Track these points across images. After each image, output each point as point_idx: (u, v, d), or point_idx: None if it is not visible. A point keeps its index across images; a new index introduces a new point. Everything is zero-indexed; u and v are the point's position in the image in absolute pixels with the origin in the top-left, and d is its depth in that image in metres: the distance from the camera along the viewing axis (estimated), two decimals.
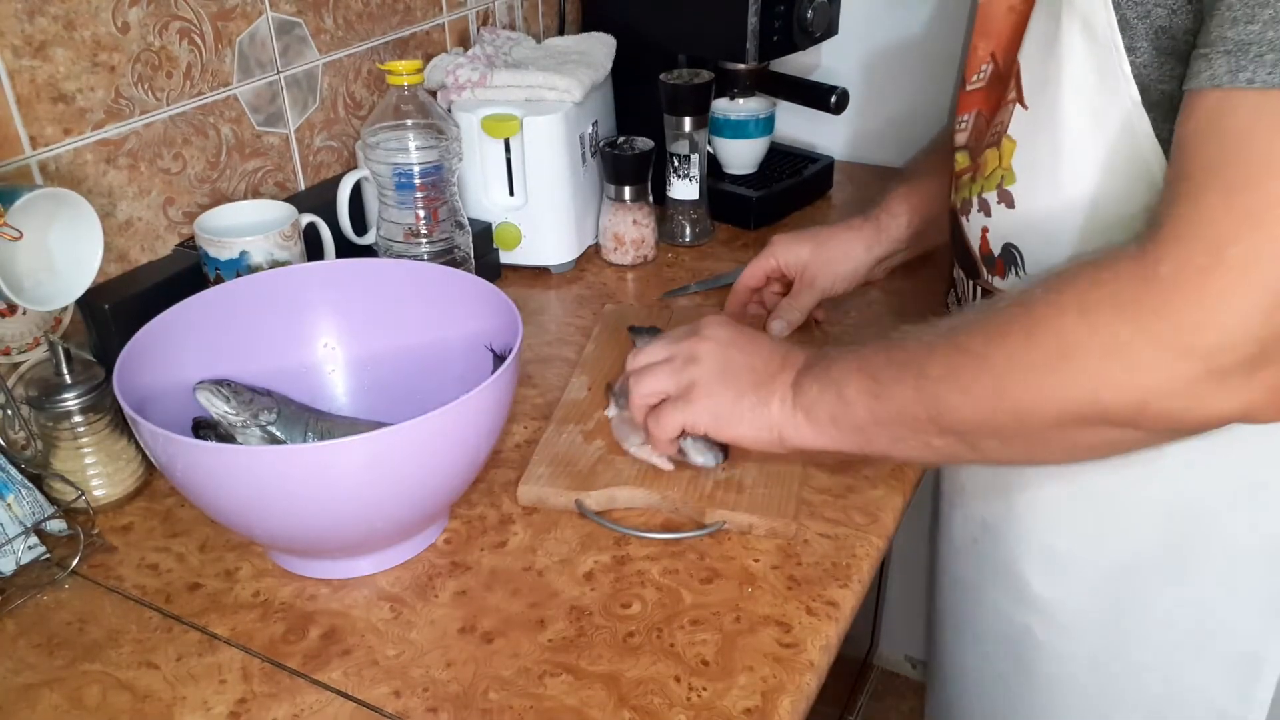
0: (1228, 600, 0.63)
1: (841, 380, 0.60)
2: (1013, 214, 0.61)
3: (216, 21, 0.85)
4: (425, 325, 0.76)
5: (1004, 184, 0.61)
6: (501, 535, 0.70)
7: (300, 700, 0.58)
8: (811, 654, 0.60)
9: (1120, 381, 0.48)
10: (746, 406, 0.63)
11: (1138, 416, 0.48)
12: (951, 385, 0.54)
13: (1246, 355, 0.45)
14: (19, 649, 0.62)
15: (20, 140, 0.73)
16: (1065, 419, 0.51)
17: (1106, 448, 0.53)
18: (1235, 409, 0.47)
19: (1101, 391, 0.48)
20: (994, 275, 0.66)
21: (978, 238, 0.66)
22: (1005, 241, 0.63)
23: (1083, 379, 0.49)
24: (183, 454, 0.57)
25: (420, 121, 0.88)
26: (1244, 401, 0.46)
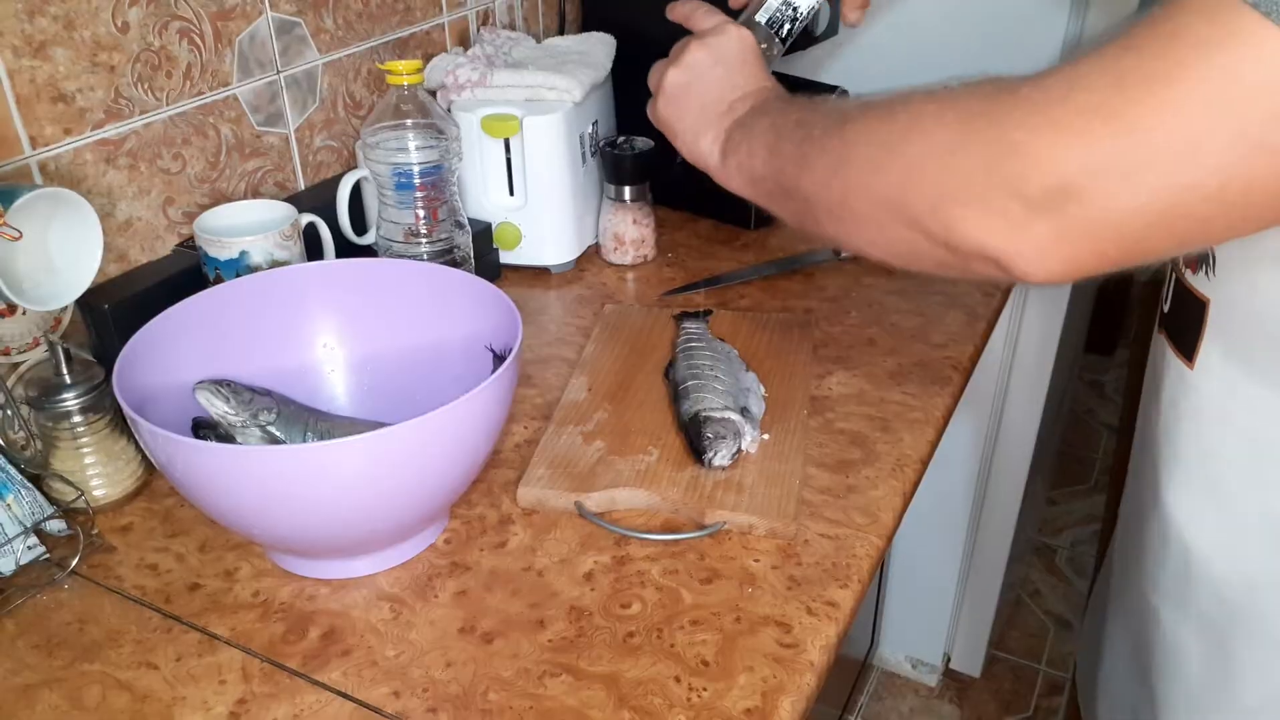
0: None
1: (756, 134, 0.64)
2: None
3: (216, 21, 0.85)
4: (425, 325, 0.75)
5: None
6: (501, 535, 0.70)
7: (300, 700, 0.58)
8: (812, 654, 0.59)
9: (931, 176, 0.48)
10: (687, 129, 0.70)
11: (927, 216, 0.49)
12: (817, 148, 0.57)
13: (1035, 196, 0.44)
14: (18, 649, 0.62)
15: (20, 140, 0.73)
16: (880, 201, 0.52)
17: (913, 249, 0.52)
18: (998, 243, 0.46)
19: (913, 181, 0.49)
20: (1186, 268, 0.64)
21: None
22: None
23: (905, 164, 0.50)
24: (182, 454, 0.57)
25: (420, 121, 0.88)
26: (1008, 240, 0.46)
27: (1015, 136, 0.44)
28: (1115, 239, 0.44)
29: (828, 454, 0.76)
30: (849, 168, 0.54)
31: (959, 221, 0.47)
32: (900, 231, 0.52)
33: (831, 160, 0.55)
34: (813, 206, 0.58)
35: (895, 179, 0.51)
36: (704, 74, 0.71)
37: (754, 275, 1.02)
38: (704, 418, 0.74)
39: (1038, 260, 0.46)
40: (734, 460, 0.73)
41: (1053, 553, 2.00)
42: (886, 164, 0.51)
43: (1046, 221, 0.44)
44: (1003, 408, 1.44)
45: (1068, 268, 0.46)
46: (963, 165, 0.47)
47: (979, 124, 0.46)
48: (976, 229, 0.47)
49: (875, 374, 0.86)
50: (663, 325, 0.92)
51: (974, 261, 0.49)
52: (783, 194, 0.61)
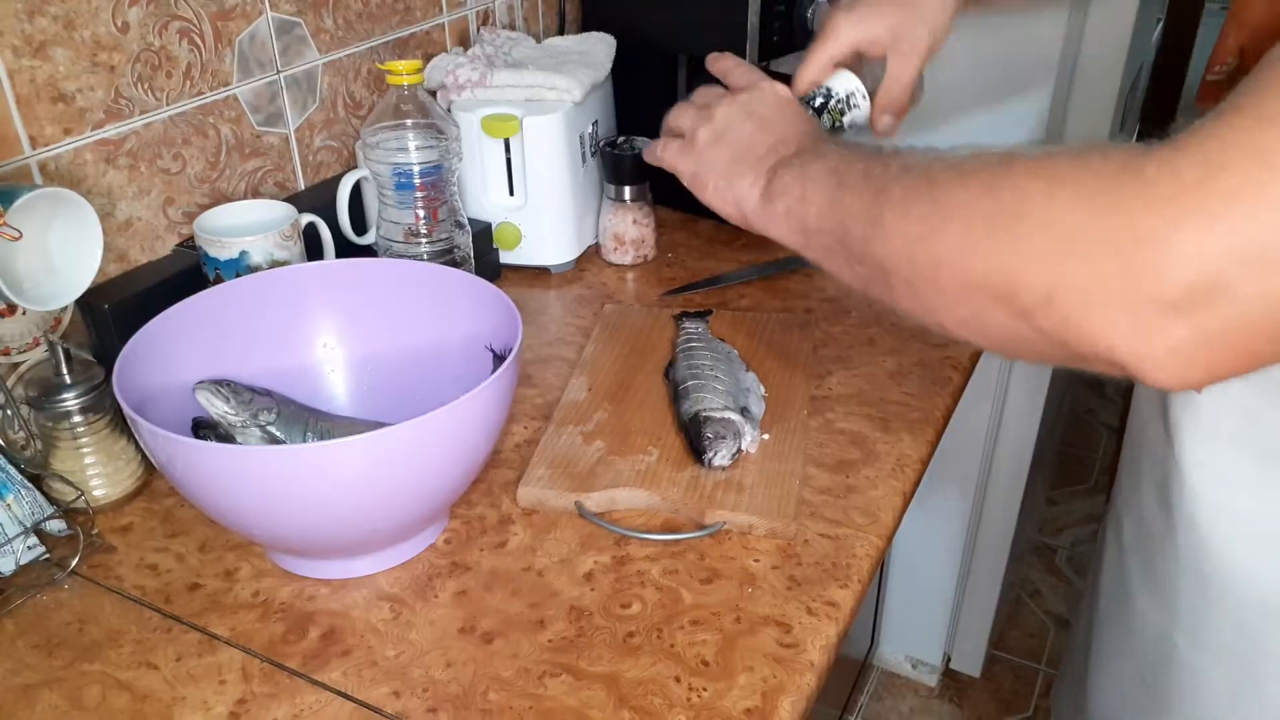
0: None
1: (812, 178, 0.58)
2: None
3: (216, 21, 0.85)
4: (425, 325, 0.75)
5: None
6: (501, 535, 0.70)
7: (300, 700, 0.58)
8: (812, 654, 0.59)
9: (1045, 263, 0.43)
10: (721, 176, 0.65)
11: (1040, 308, 0.44)
12: (898, 211, 0.51)
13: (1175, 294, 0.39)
14: (18, 649, 0.62)
15: (20, 140, 0.73)
16: (977, 283, 0.46)
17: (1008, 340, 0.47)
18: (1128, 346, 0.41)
19: (1023, 267, 0.44)
20: None
21: None
22: None
23: (1012, 246, 0.45)
24: (182, 454, 0.57)
25: (420, 121, 0.88)
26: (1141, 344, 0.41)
27: (1148, 224, 0.39)
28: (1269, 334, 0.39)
29: (828, 454, 0.76)
30: (941, 243, 0.48)
31: (1080, 321, 0.42)
32: (1001, 319, 0.46)
33: (918, 230, 0.49)
34: (887, 275, 0.52)
35: (999, 261, 0.45)
36: (736, 127, 0.67)
37: (754, 275, 1.02)
38: (704, 418, 0.74)
39: (1176, 366, 0.41)
40: (734, 460, 0.73)
41: (1053, 553, 2.00)
42: (988, 243, 0.46)
43: (1187, 323, 0.39)
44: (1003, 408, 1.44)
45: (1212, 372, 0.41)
46: (1085, 253, 0.41)
47: (1102, 208, 0.41)
48: (1102, 330, 0.41)
49: (875, 374, 0.86)
50: (663, 325, 0.92)
51: (1091, 360, 0.44)
52: (844, 253, 0.55)
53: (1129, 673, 0.77)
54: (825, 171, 0.58)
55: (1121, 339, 0.41)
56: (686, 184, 0.68)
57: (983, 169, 0.47)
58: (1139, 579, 0.74)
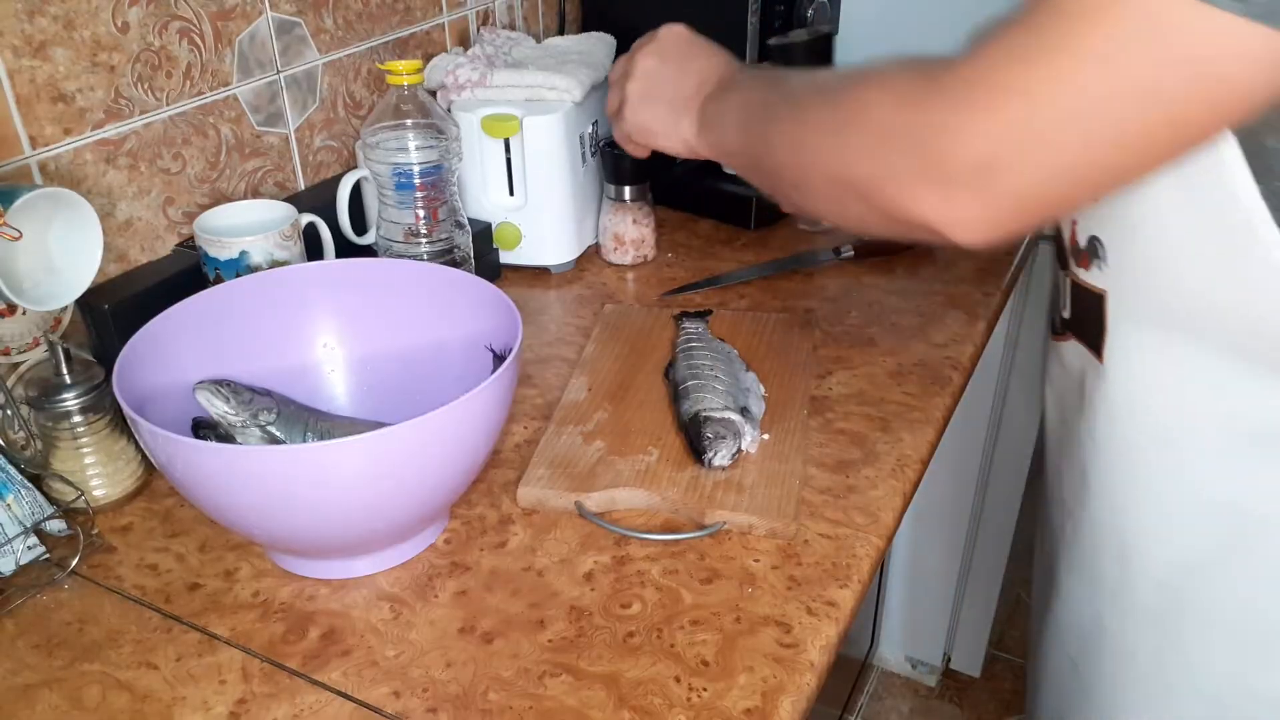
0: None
1: (729, 110, 0.69)
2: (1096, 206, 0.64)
3: (216, 21, 0.85)
4: (425, 325, 0.75)
5: None
6: (501, 535, 0.70)
7: (300, 700, 0.58)
8: (812, 654, 0.60)
9: (871, 156, 0.54)
10: (664, 119, 0.75)
11: (874, 192, 0.54)
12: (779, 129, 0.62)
13: (962, 172, 0.48)
14: (18, 649, 0.62)
15: (20, 140, 0.73)
16: (832, 178, 0.57)
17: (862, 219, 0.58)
18: (933, 216, 0.51)
19: (857, 161, 0.55)
20: (1080, 266, 0.67)
21: (1068, 229, 0.68)
22: (1090, 234, 0.65)
23: (850, 146, 0.55)
24: (182, 454, 0.57)
25: (420, 121, 0.88)
26: (942, 212, 0.50)
27: (939, 119, 0.49)
28: (1038, 201, 0.49)
29: (828, 454, 0.76)
30: (804, 151, 0.60)
31: (898, 198, 0.52)
32: (852, 204, 0.57)
33: (790, 143, 0.61)
34: (779, 181, 0.65)
35: (843, 160, 0.56)
36: (657, 73, 0.76)
37: (754, 275, 1.02)
38: (704, 418, 0.74)
39: (969, 228, 0.51)
40: (734, 460, 0.73)
41: None
42: (835, 147, 0.57)
43: (974, 194, 0.49)
44: (1003, 408, 1.44)
45: (997, 232, 0.51)
46: (898, 147, 0.52)
47: (909, 110, 0.51)
48: (914, 204, 0.51)
49: (875, 374, 0.86)
50: (663, 325, 0.92)
51: (915, 230, 0.53)
52: (755, 168, 0.68)
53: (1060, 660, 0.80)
54: (738, 105, 0.69)
55: (931, 211, 0.51)
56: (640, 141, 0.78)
57: (835, 87, 0.58)
58: (1064, 560, 0.76)
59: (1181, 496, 0.65)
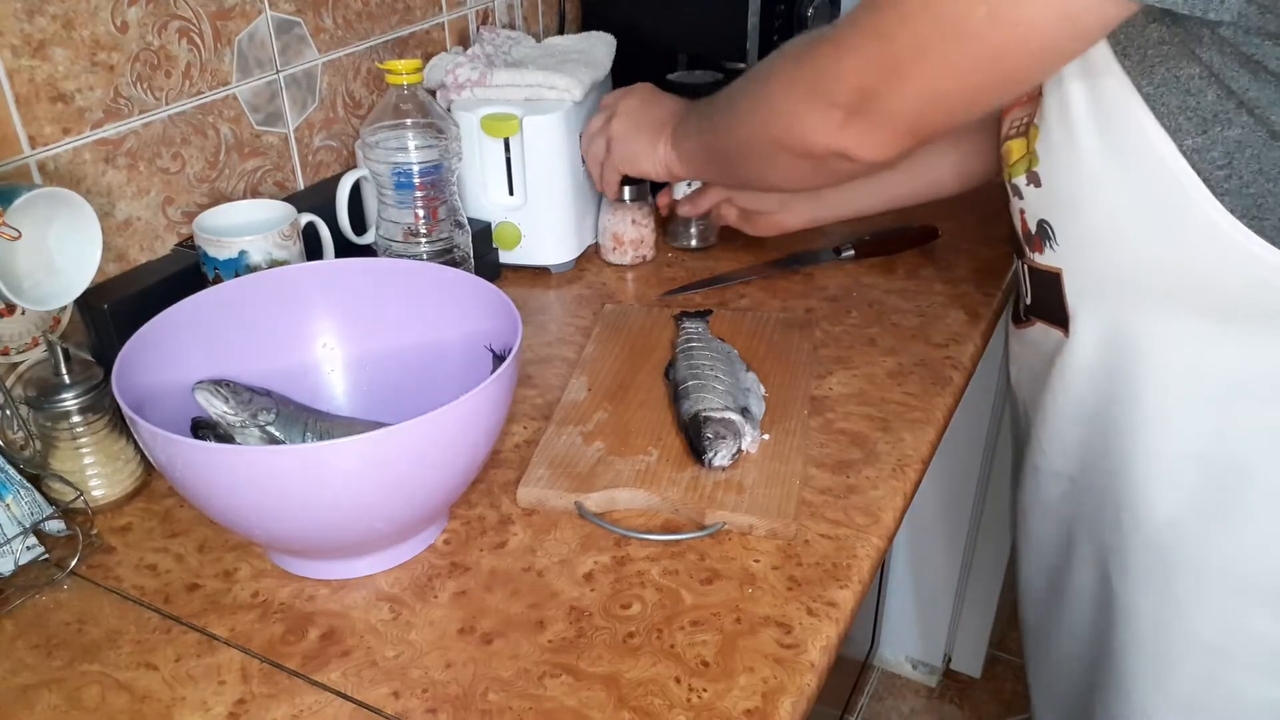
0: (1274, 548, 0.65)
1: (692, 124, 0.83)
2: (1040, 192, 0.68)
3: (215, 21, 0.85)
4: (424, 325, 0.75)
5: (1031, 166, 0.68)
6: (501, 536, 0.69)
7: (299, 701, 0.58)
8: (812, 655, 0.59)
9: (784, 106, 0.67)
10: (645, 148, 0.88)
11: (791, 137, 0.67)
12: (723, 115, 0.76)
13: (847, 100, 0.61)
14: (17, 649, 0.62)
15: (19, 140, 0.73)
16: (763, 143, 0.70)
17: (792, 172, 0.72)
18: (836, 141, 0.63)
19: (775, 114, 0.68)
20: (1034, 251, 0.71)
21: (1019, 219, 0.72)
22: (1039, 219, 0.69)
23: (767, 108, 0.69)
24: (181, 454, 0.57)
25: (420, 121, 0.88)
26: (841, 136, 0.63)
27: (823, 63, 0.63)
28: (915, 118, 0.60)
29: (828, 454, 0.76)
30: (737, 119, 0.73)
31: (808, 134, 0.65)
32: (776, 155, 0.70)
33: (731, 120, 0.74)
34: (731, 159, 0.78)
35: (762, 115, 0.70)
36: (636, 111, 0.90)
37: (754, 275, 1.02)
38: (704, 418, 0.74)
39: (868, 146, 0.63)
40: (734, 460, 0.73)
41: None
42: (756, 107, 0.71)
43: (861, 117, 0.62)
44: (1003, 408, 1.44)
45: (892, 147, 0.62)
46: (797, 92, 0.65)
47: (804, 60, 0.65)
48: (819, 135, 0.64)
49: (875, 374, 0.86)
50: (663, 325, 0.92)
51: (828, 160, 0.65)
52: (712, 158, 0.81)
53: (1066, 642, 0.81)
54: (698, 115, 0.83)
55: (833, 137, 0.64)
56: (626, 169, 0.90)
57: (756, 69, 0.72)
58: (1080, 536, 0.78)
59: (1159, 454, 0.67)
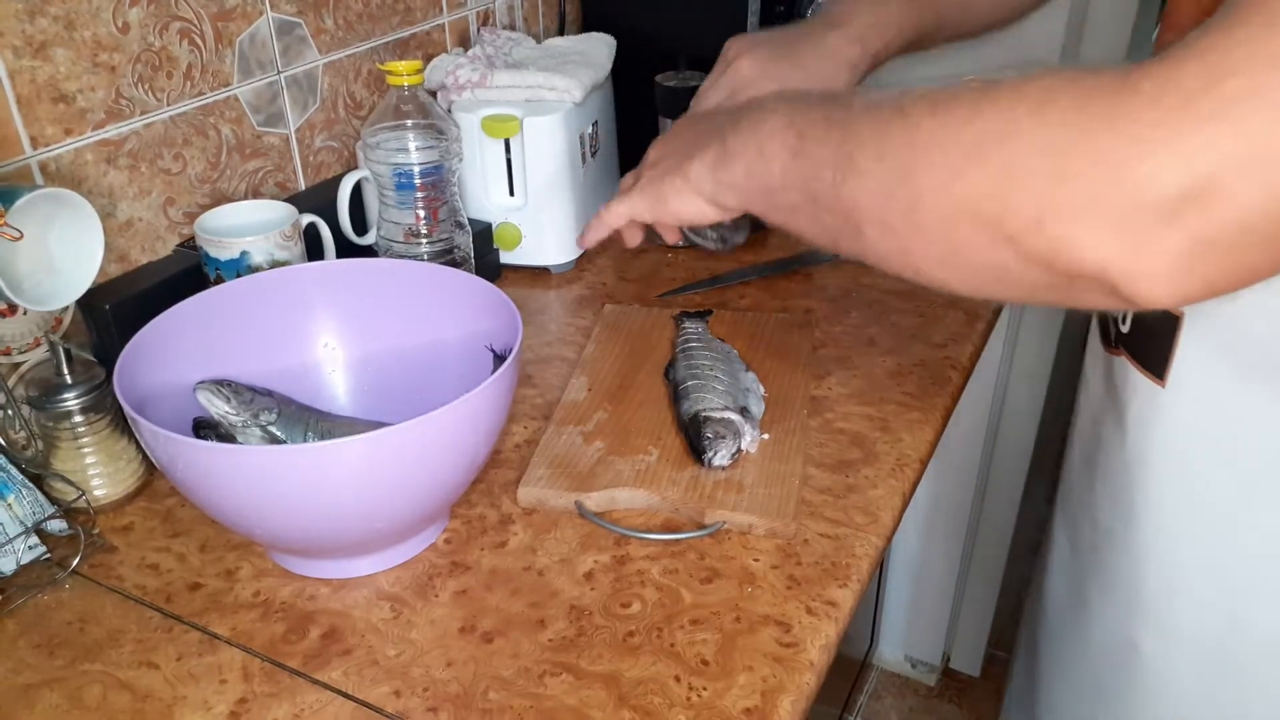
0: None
1: (768, 135, 0.56)
2: None
3: (217, 22, 0.86)
4: (425, 325, 0.76)
5: None
6: (501, 535, 0.70)
7: (300, 700, 0.58)
8: (811, 653, 0.60)
9: (1035, 184, 0.42)
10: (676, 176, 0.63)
11: (1028, 231, 0.42)
12: (871, 150, 0.49)
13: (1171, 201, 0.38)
14: (19, 649, 0.62)
15: (20, 140, 0.73)
16: (961, 213, 0.45)
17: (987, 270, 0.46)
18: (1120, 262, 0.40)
19: (1011, 190, 0.43)
20: None
21: None
22: None
23: (1000, 170, 0.43)
24: (183, 454, 0.58)
25: (420, 122, 0.88)
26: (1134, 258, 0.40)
27: (1147, 135, 0.39)
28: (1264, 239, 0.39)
29: (828, 454, 0.76)
30: (921, 174, 0.46)
31: (1071, 240, 0.41)
32: (984, 251, 0.45)
33: (894, 165, 0.48)
34: (859, 220, 0.51)
35: (986, 188, 0.44)
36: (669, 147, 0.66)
37: (754, 275, 1.02)
38: (704, 418, 0.74)
39: (1172, 278, 0.40)
40: (734, 460, 0.73)
41: None
42: (974, 170, 0.44)
43: (1180, 230, 0.38)
44: (1002, 408, 1.44)
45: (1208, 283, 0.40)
46: (1077, 171, 0.40)
47: (1096, 126, 0.40)
48: (1093, 247, 0.40)
49: (875, 374, 0.86)
50: (663, 325, 0.92)
51: (1080, 285, 0.43)
52: (811, 206, 0.53)
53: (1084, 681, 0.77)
54: (781, 125, 0.55)
55: (1114, 255, 0.40)
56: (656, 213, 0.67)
57: (961, 97, 0.46)
58: (1095, 582, 0.73)
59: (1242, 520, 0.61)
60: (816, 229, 0.54)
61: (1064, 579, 0.79)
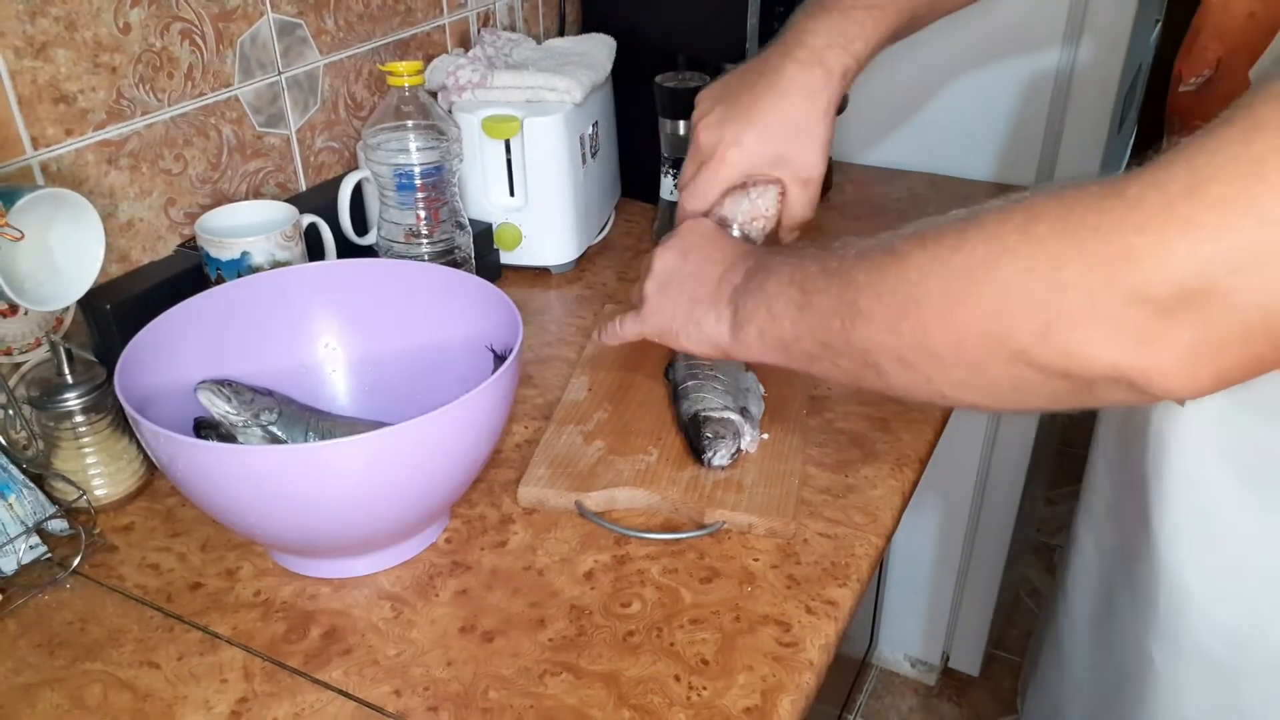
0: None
1: (774, 295, 0.58)
2: None
3: (218, 22, 0.86)
4: (426, 326, 0.76)
5: None
6: (502, 535, 0.70)
7: (301, 699, 0.58)
8: (811, 653, 0.60)
9: (1034, 297, 0.43)
10: (685, 323, 0.64)
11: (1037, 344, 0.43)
12: (870, 292, 0.51)
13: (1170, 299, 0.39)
14: (20, 649, 0.62)
15: (22, 141, 0.73)
16: (969, 337, 0.46)
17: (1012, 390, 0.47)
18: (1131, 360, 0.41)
19: (1012, 307, 0.44)
20: None
21: None
22: None
23: (998, 290, 0.44)
24: (184, 454, 0.58)
25: (421, 122, 0.88)
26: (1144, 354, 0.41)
27: (1136, 241, 0.40)
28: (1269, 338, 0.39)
29: (827, 454, 0.77)
30: (922, 307, 0.48)
31: (1079, 345, 0.42)
32: (1000, 368, 0.46)
33: (895, 302, 0.49)
34: (875, 359, 0.52)
35: (988, 309, 0.45)
36: (678, 270, 0.67)
37: None
38: (704, 418, 0.74)
39: (1183, 372, 0.41)
40: (734, 460, 0.73)
41: (1051, 552, 2.01)
42: (972, 294, 0.45)
43: (1188, 326, 0.39)
44: None
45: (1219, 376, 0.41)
46: (1074, 280, 0.41)
47: (1084, 234, 0.41)
48: (1103, 349, 0.41)
49: None
50: None
51: (1100, 387, 0.43)
52: (827, 354, 0.55)
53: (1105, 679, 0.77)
54: (784, 284, 0.58)
55: (1124, 355, 0.41)
56: (661, 341, 0.68)
57: (948, 227, 0.47)
58: (1120, 585, 0.73)
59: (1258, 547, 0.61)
60: (837, 372, 0.55)
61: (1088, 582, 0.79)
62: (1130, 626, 0.72)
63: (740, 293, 0.61)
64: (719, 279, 0.64)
